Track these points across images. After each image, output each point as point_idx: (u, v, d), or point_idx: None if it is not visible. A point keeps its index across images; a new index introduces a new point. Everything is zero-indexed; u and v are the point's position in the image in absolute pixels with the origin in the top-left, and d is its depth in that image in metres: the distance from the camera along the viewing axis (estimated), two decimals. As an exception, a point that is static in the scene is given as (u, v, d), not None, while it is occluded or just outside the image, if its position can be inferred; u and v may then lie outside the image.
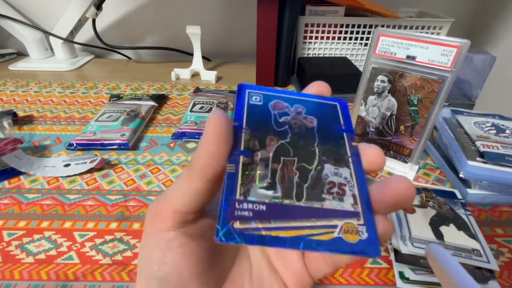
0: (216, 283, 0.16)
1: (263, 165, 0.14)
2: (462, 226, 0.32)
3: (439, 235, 0.30)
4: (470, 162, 0.37)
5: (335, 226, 0.14)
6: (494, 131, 0.41)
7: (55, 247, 0.31)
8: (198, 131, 0.48)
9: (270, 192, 0.14)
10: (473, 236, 0.30)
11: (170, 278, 0.15)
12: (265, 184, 0.14)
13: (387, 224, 0.14)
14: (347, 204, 0.14)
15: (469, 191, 0.37)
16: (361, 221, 0.14)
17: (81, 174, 0.40)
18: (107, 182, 0.40)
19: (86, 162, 0.41)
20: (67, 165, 0.41)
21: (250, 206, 0.13)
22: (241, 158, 0.14)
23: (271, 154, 0.15)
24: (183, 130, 0.48)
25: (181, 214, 0.15)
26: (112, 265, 0.30)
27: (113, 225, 0.34)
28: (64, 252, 0.31)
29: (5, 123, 0.48)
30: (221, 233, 0.12)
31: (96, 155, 0.44)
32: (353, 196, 0.15)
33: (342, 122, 0.17)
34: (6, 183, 0.39)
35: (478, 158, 0.37)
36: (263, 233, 0.13)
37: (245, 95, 0.17)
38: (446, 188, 0.38)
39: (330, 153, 0.16)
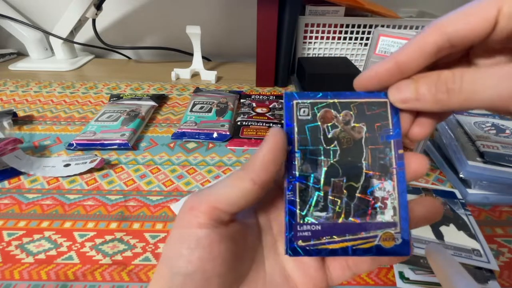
0: (234, 285, 0.17)
1: (316, 189, 0.17)
2: (462, 226, 0.32)
3: (439, 235, 0.30)
4: (470, 162, 0.37)
5: (375, 236, 0.17)
6: (494, 131, 0.41)
7: (55, 247, 0.31)
8: (198, 131, 0.48)
9: (324, 214, 0.17)
10: (473, 236, 0.30)
11: (194, 276, 0.15)
12: (319, 207, 0.17)
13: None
14: (388, 216, 0.17)
15: (469, 191, 0.37)
16: (398, 229, 0.17)
17: (81, 174, 0.40)
18: (107, 182, 0.40)
19: (86, 162, 0.41)
20: (67, 165, 0.41)
21: (308, 227, 0.17)
22: (297, 186, 0.17)
23: (322, 177, 0.17)
24: (183, 130, 0.48)
25: (220, 212, 0.15)
26: (112, 265, 0.30)
27: (113, 225, 0.34)
28: (64, 252, 0.31)
29: (5, 123, 0.49)
30: (289, 250, 0.17)
31: (96, 155, 0.44)
32: (394, 208, 0.17)
33: (391, 124, 0.17)
34: (6, 183, 0.39)
35: (478, 158, 0.37)
36: (320, 247, 0.17)
37: (294, 109, 0.17)
38: (446, 188, 0.38)
39: (376, 166, 0.17)
